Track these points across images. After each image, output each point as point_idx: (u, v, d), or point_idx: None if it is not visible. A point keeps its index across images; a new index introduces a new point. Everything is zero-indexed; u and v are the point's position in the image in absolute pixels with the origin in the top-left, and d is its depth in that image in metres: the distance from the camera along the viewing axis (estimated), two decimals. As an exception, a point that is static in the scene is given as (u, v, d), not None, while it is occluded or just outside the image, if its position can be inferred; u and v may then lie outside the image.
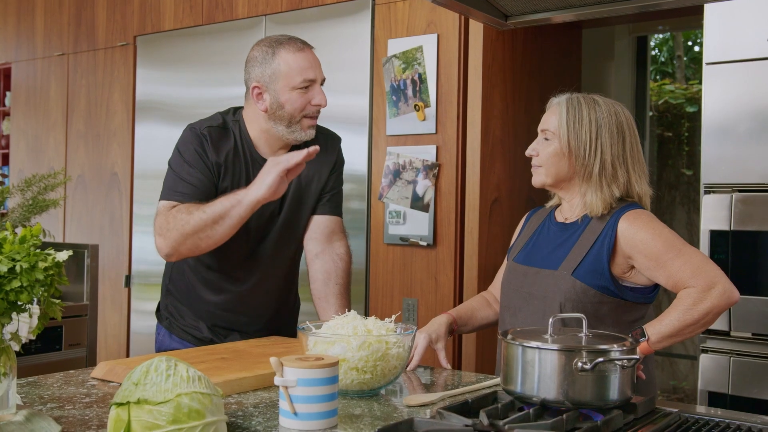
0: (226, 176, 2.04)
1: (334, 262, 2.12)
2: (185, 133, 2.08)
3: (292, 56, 2.01)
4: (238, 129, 2.09)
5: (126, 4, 4.22)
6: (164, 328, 2.21)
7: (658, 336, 1.70)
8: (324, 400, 1.30)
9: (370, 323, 1.61)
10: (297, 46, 2.04)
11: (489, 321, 2.07)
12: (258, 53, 2.05)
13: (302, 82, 2.01)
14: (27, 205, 3.10)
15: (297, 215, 2.14)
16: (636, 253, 1.77)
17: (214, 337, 2.14)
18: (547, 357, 1.34)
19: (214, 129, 2.06)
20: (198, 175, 2.00)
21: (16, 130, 4.82)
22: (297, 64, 2.01)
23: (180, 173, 2.02)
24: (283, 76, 2.00)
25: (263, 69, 2.02)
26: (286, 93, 2.01)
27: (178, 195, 1.99)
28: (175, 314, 2.19)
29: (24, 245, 1.26)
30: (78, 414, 1.39)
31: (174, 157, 2.06)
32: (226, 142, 2.06)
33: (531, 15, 2.18)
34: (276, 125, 2.04)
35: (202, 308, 2.14)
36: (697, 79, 5.19)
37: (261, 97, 2.03)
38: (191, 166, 2.01)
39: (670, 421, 1.39)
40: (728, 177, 2.54)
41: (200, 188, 1.99)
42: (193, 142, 2.03)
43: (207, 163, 2.02)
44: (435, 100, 3.08)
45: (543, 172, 1.90)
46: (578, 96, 1.89)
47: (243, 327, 2.15)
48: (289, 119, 2.03)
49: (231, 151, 2.05)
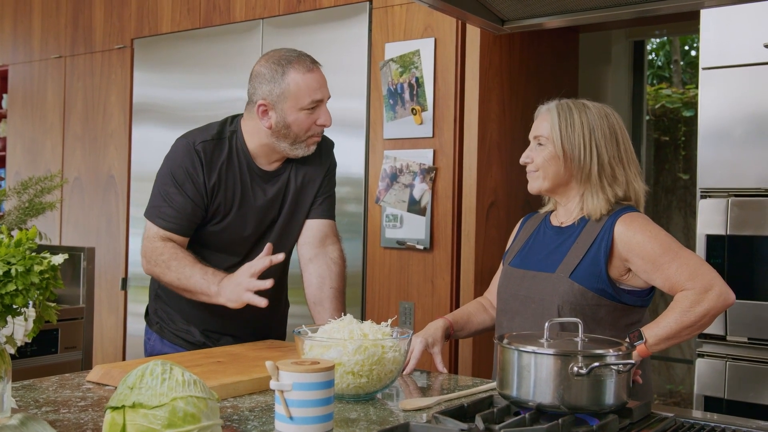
0: (218, 193, 2.03)
1: (328, 267, 2.12)
2: (178, 146, 2.05)
3: (301, 77, 1.98)
4: (234, 140, 2.06)
5: (123, 6, 4.22)
6: (155, 333, 2.19)
7: (655, 338, 1.71)
8: (320, 404, 1.29)
9: (366, 327, 1.61)
10: (306, 66, 2.00)
11: (485, 326, 2.07)
12: (266, 70, 2.01)
13: (311, 104, 1.99)
14: (23, 208, 3.10)
15: (293, 221, 2.14)
16: (633, 255, 1.78)
17: (207, 341, 2.14)
18: (543, 361, 1.35)
19: (209, 143, 2.03)
20: (182, 200, 2.00)
21: (13, 133, 4.81)
22: (306, 85, 1.98)
23: (168, 193, 2.01)
24: (292, 96, 1.98)
25: (272, 87, 1.99)
26: (294, 113, 1.99)
27: (161, 221, 2.01)
28: (165, 319, 2.17)
29: (20, 248, 1.26)
30: (73, 418, 1.39)
31: (163, 172, 2.04)
32: (219, 155, 2.04)
33: (527, 20, 2.18)
34: (279, 142, 2.03)
35: (193, 313, 2.13)
36: (693, 83, 5.21)
37: (266, 114, 2.01)
38: (179, 187, 2.00)
39: (666, 426, 1.39)
40: (724, 182, 2.55)
41: (184, 215, 2.00)
42: (185, 160, 2.01)
43: (197, 185, 2.00)
44: (432, 104, 3.09)
45: (540, 177, 1.90)
46: (567, 101, 1.91)
47: (234, 331, 2.14)
48: (294, 138, 2.02)
49: (225, 163, 2.04)
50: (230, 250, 2.09)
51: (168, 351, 2.14)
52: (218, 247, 2.09)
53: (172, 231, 2.01)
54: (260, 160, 2.08)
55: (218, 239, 2.08)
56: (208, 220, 2.06)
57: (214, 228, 2.06)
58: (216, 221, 2.06)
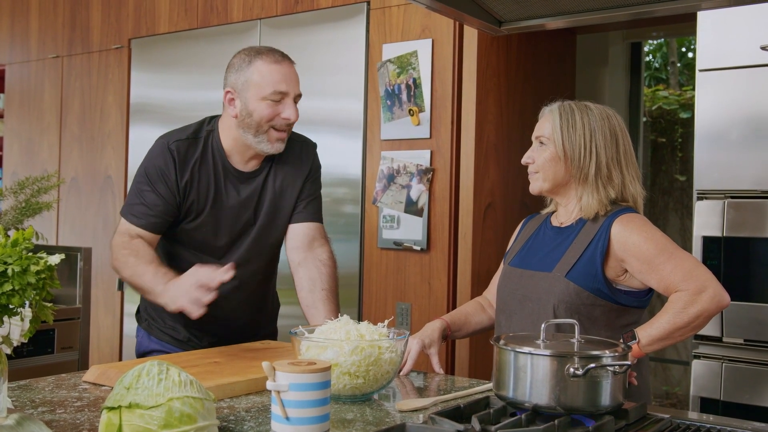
0: (191, 192, 2.05)
1: (318, 269, 2.11)
2: (155, 145, 2.09)
3: (267, 67, 2.01)
4: (210, 138, 2.09)
5: (121, 6, 4.22)
6: (143, 330, 2.23)
7: (648, 339, 1.71)
8: (316, 404, 1.29)
9: (363, 328, 1.62)
10: (275, 58, 2.03)
11: (483, 326, 2.08)
12: (236, 60, 2.06)
13: (272, 94, 2.00)
14: (20, 208, 3.10)
15: (272, 224, 2.14)
16: (628, 256, 1.78)
17: (192, 337, 2.15)
18: (539, 362, 1.35)
19: (183, 143, 2.06)
20: (154, 198, 2.02)
21: (10, 133, 4.81)
22: (270, 76, 2.00)
23: (141, 191, 2.05)
24: (255, 85, 2.00)
25: (237, 76, 2.03)
26: (255, 102, 2.01)
27: (132, 217, 2.04)
28: (154, 316, 2.19)
29: (16, 248, 1.26)
30: (69, 418, 1.39)
31: (140, 170, 2.08)
32: (193, 153, 2.06)
33: (525, 21, 2.19)
34: (245, 133, 2.04)
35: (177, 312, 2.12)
36: (690, 85, 5.21)
37: (233, 103, 2.04)
38: (151, 185, 2.03)
39: (662, 427, 1.39)
40: (721, 183, 2.55)
41: (156, 212, 2.03)
42: (158, 159, 2.04)
43: (169, 183, 2.03)
44: (429, 105, 3.09)
45: (540, 178, 1.91)
46: (570, 103, 1.92)
47: (219, 330, 2.15)
48: (256, 128, 2.02)
49: (198, 161, 2.05)
50: (206, 250, 2.10)
51: (155, 347, 2.17)
52: (195, 246, 2.10)
53: (142, 227, 2.03)
54: (235, 159, 2.09)
55: (193, 238, 2.09)
56: (182, 219, 2.07)
57: (188, 226, 2.08)
58: (189, 219, 2.07)
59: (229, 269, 1.82)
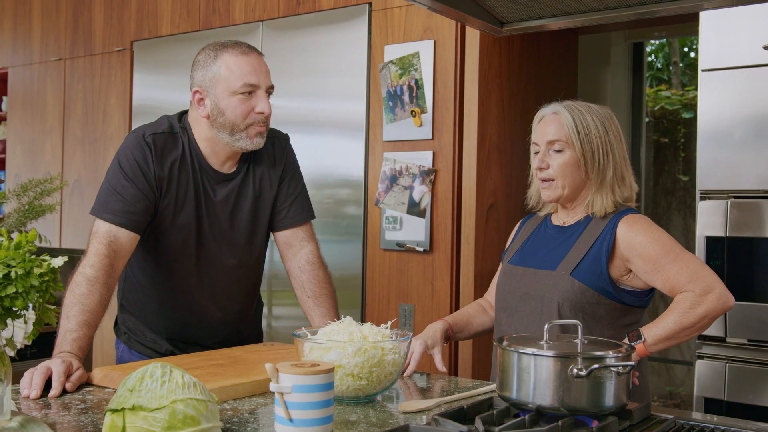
0: (169, 190, 1.92)
1: (304, 272, 2.06)
2: (128, 139, 1.94)
3: (234, 59, 1.90)
4: (186, 136, 1.96)
5: (123, 9, 4.23)
6: (123, 343, 2.12)
7: (654, 338, 1.71)
8: (320, 406, 1.29)
9: (366, 329, 1.61)
10: (241, 49, 1.92)
11: (485, 327, 2.07)
12: (202, 57, 1.94)
13: (243, 87, 1.89)
14: (23, 210, 3.10)
15: (251, 229, 2.05)
16: (634, 256, 1.78)
17: (175, 350, 2.06)
18: (542, 363, 1.35)
19: (159, 136, 1.93)
20: (134, 192, 1.87)
21: (13, 135, 4.82)
22: (239, 68, 1.89)
23: (115, 186, 1.89)
24: (223, 80, 1.89)
25: (204, 73, 1.91)
26: (226, 98, 1.89)
27: (109, 215, 1.86)
28: (133, 329, 2.09)
29: (19, 251, 1.26)
30: (73, 420, 1.39)
31: (112, 166, 1.93)
32: (172, 150, 1.93)
33: (526, 22, 2.18)
34: (219, 133, 1.93)
35: (158, 324, 2.06)
36: (693, 85, 5.21)
37: (202, 103, 1.92)
38: (128, 179, 1.88)
39: (666, 428, 1.39)
40: (724, 183, 2.55)
41: (134, 207, 1.87)
42: (134, 151, 1.90)
43: (147, 177, 1.89)
44: (431, 106, 3.09)
45: (559, 186, 1.86)
46: (570, 103, 1.89)
47: (202, 341, 2.06)
48: (231, 127, 1.91)
49: (177, 161, 1.93)
50: (180, 258, 1.99)
51: (136, 360, 2.04)
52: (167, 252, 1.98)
53: (122, 226, 1.85)
54: (212, 159, 1.98)
55: (167, 243, 1.97)
56: (159, 219, 1.94)
57: (164, 225, 1.95)
58: (167, 219, 1.94)
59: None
